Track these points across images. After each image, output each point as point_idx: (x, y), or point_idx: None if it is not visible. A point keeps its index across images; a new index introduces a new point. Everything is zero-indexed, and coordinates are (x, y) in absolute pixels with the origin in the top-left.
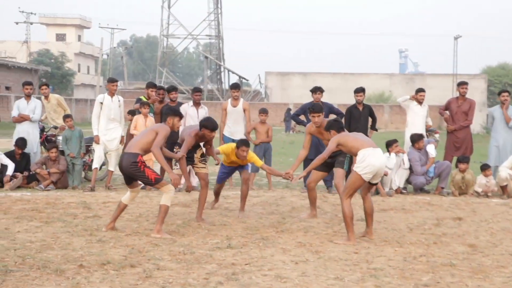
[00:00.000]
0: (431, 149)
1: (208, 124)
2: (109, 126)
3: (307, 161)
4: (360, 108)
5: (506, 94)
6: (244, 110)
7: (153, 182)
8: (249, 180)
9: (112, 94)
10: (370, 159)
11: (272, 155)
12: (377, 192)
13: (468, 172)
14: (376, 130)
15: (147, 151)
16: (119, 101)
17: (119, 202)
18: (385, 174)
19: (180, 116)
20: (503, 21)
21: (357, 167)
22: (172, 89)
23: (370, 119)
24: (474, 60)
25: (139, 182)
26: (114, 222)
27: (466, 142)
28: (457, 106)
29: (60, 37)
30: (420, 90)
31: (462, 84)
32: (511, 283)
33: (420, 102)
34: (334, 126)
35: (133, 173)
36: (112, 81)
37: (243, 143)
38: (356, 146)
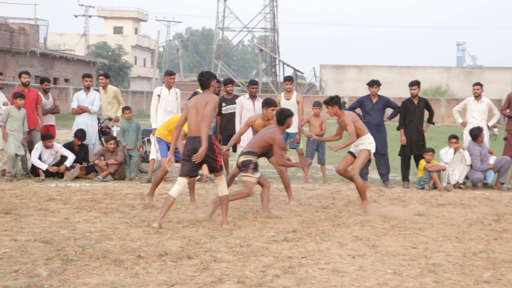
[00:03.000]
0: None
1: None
2: (166, 118)
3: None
4: (416, 101)
5: None
6: (298, 103)
7: (218, 169)
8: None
9: (169, 86)
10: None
11: (326, 148)
12: (435, 187)
13: None
14: (433, 123)
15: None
16: (176, 93)
17: (167, 197)
18: (443, 169)
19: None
20: None
21: (369, 145)
22: (229, 81)
23: (426, 113)
24: None
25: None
26: (164, 218)
27: None
28: None
29: (118, 30)
30: (476, 84)
31: None
32: None
33: (476, 97)
34: (338, 102)
35: (210, 154)
36: (170, 74)
37: (270, 103)
38: (364, 129)
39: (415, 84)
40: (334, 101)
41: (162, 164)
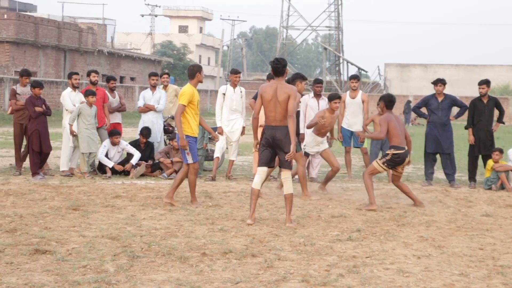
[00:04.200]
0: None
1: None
2: (231, 117)
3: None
4: (485, 100)
5: None
6: (363, 102)
7: (289, 165)
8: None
9: (234, 85)
10: None
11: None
12: (503, 187)
13: None
14: (503, 123)
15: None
16: (241, 92)
17: (251, 191)
18: (511, 169)
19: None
20: None
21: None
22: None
23: (496, 112)
24: None
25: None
26: (254, 213)
27: None
28: None
29: (183, 29)
30: None
31: None
32: None
33: None
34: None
35: (287, 141)
36: (235, 72)
37: (333, 97)
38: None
39: (484, 83)
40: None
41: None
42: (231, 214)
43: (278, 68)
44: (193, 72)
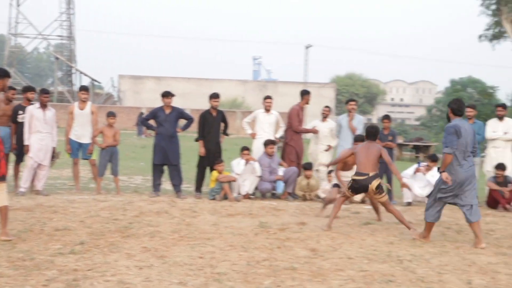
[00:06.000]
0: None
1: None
2: None
3: None
4: (214, 113)
5: (353, 103)
6: (92, 113)
7: None
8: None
9: None
10: None
11: (119, 159)
12: (226, 197)
13: (313, 178)
14: (228, 135)
15: None
16: None
17: None
18: (234, 180)
19: None
20: (351, 33)
21: None
22: (31, 89)
23: (222, 125)
24: (324, 69)
25: None
26: None
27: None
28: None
29: None
30: (267, 97)
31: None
32: (347, 285)
33: (267, 110)
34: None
35: None
36: None
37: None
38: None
39: (217, 96)
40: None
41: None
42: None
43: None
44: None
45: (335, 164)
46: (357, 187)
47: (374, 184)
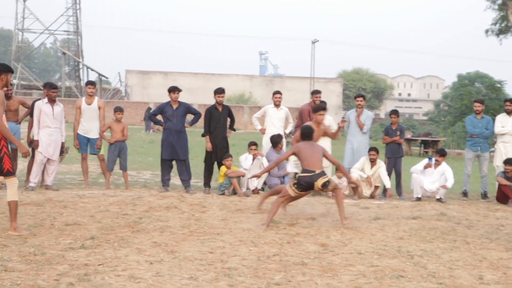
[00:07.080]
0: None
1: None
2: None
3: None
4: (220, 108)
5: (360, 99)
6: (99, 108)
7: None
8: None
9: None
10: None
11: (127, 154)
12: (235, 192)
13: None
14: (234, 130)
15: None
16: None
17: None
18: (242, 175)
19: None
20: (358, 28)
21: None
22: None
23: (228, 120)
24: (331, 64)
25: None
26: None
27: None
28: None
29: None
30: (276, 92)
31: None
32: (358, 280)
33: (276, 105)
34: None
35: None
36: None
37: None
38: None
39: (222, 91)
40: None
41: None
42: None
43: None
44: None
45: (268, 171)
46: (302, 184)
47: (320, 181)
